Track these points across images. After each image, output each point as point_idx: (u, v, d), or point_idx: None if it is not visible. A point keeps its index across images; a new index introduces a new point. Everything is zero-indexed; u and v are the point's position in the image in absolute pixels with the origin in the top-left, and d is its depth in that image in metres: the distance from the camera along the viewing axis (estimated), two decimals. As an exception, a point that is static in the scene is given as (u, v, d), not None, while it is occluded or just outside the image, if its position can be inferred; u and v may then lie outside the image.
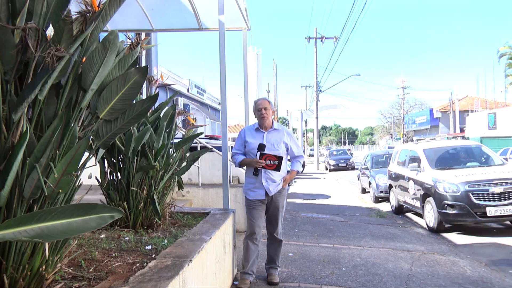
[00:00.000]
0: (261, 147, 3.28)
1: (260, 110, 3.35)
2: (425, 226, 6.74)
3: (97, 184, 2.92)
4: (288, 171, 3.50)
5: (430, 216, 6.49)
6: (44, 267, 1.66)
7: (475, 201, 5.92)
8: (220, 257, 2.99)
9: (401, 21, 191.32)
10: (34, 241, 1.53)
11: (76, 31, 1.61)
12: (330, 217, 7.58)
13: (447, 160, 7.32)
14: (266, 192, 3.32)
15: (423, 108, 44.83)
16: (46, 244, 1.62)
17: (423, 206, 6.82)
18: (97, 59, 1.69)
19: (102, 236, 2.64)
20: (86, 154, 1.88)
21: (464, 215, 5.97)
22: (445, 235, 6.15)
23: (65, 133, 1.63)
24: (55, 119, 1.59)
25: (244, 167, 3.55)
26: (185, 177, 5.96)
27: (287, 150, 3.45)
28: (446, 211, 6.09)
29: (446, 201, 6.10)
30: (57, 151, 1.61)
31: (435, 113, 35.66)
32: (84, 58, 1.71)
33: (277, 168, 3.27)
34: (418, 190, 7.06)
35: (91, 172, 2.30)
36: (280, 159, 3.26)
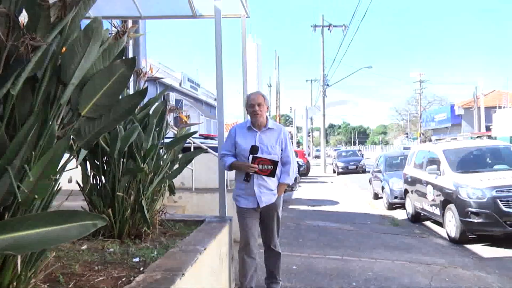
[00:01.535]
0: (254, 149, 3.21)
1: (252, 106, 3.27)
2: (445, 236, 6.73)
3: (78, 189, 2.91)
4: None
5: (452, 225, 6.47)
6: (15, 283, 1.65)
7: (504, 208, 5.87)
8: (216, 270, 2.99)
9: (417, 9, 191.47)
10: (4, 254, 1.51)
11: (54, 18, 1.60)
12: (338, 226, 7.57)
13: (471, 162, 7.29)
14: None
15: (443, 104, 44.79)
16: (19, 256, 1.61)
17: (443, 214, 6.80)
18: (78, 49, 1.68)
19: (84, 247, 2.63)
20: (66, 155, 1.87)
21: (491, 224, 5.92)
22: (468, 246, 6.12)
23: (42, 132, 1.62)
24: (30, 116, 1.58)
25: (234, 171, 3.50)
26: (177, 181, 5.94)
27: (282, 151, 3.38)
28: (470, 220, 6.06)
29: (469, 209, 6.07)
30: (33, 152, 1.60)
31: (456, 110, 35.59)
32: (64, 48, 1.70)
33: (272, 173, 3.22)
34: (437, 195, 7.05)
35: (71, 176, 2.29)
36: (275, 163, 3.21)
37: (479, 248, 6.00)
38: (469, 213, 6.08)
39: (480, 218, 5.98)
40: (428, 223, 8.11)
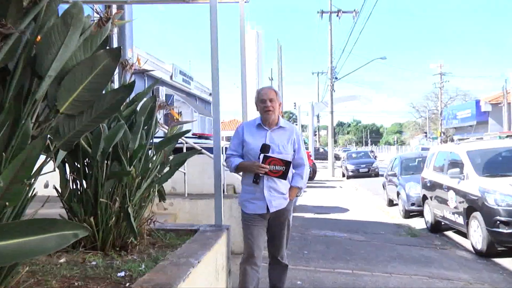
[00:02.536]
0: (265, 148, 3.26)
1: (264, 101, 3.34)
2: (470, 248, 6.73)
3: (56, 195, 2.91)
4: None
5: (477, 236, 6.46)
6: (-17, 302, 1.64)
7: (538, 217, 5.83)
8: (212, 285, 2.98)
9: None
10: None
11: (27, 2, 1.59)
12: (348, 236, 7.57)
13: (499, 165, 7.26)
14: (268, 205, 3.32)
15: (467, 100, 44.75)
16: (-13, 272, 1.60)
17: (467, 223, 6.79)
18: (56, 38, 1.68)
19: (62, 260, 2.62)
20: (42, 157, 1.86)
21: None
22: (497, 260, 6.10)
23: (14, 131, 1.62)
24: (0, 113, 1.57)
25: (241, 173, 3.53)
26: (167, 186, 5.95)
27: (294, 152, 3.44)
28: (499, 230, 6.03)
29: (498, 217, 6.05)
30: (4, 154, 1.59)
31: (483, 106, 35.46)
32: (39, 37, 1.69)
33: (283, 175, 3.25)
34: (460, 202, 7.04)
35: (47, 180, 2.29)
36: (287, 164, 3.25)
37: (509, 263, 5.96)
38: (498, 222, 6.05)
39: (510, 228, 5.95)
40: (450, 233, 8.10)
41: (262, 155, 3.26)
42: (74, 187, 2.94)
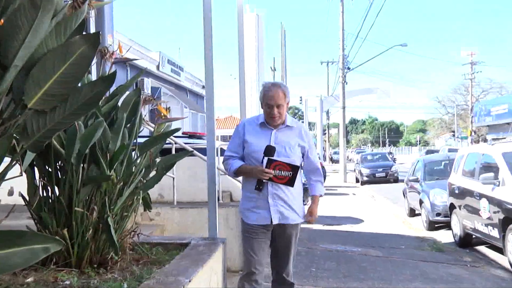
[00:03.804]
0: (270, 150, 3.26)
1: (270, 107, 3.32)
2: (507, 266, 6.72)
3: (23, 203, 2.91)
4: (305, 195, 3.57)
5: (516, 252, 6.45)
6: None
7: None
8: (204, 310, 2.99)
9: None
10: None
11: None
12: (363, 251, 7.58)
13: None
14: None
15: (503, 93, 44.66)
16: None
17: (503, 237, 6.77)
18: (23, 21, 1.68)
19: (30, 279, 2.62)
20: (7, 159, 1.86)
21: None
22: (540, 281, 6.10)
23: (-25, 130, 1.61)
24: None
25: (241, 178, 3.53)
26: (154, 193, 5.96)
27: (303, 156, 3.46)
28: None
29: None
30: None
31: (522, 100, 35.46)
32: (2, 20, 1.69)
33: (290, 182, 3.26)
34: (495, 212, 7.03)
35: (12, 186, 2.29)
36: (295, 169, 3.26)
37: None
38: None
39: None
40: (482, 248, 8.10)
41: (266, 159, 3.26)
42: (45, 194, 2.93)
